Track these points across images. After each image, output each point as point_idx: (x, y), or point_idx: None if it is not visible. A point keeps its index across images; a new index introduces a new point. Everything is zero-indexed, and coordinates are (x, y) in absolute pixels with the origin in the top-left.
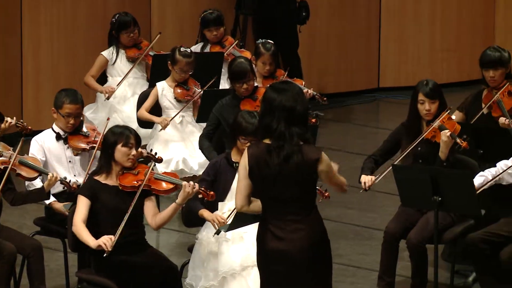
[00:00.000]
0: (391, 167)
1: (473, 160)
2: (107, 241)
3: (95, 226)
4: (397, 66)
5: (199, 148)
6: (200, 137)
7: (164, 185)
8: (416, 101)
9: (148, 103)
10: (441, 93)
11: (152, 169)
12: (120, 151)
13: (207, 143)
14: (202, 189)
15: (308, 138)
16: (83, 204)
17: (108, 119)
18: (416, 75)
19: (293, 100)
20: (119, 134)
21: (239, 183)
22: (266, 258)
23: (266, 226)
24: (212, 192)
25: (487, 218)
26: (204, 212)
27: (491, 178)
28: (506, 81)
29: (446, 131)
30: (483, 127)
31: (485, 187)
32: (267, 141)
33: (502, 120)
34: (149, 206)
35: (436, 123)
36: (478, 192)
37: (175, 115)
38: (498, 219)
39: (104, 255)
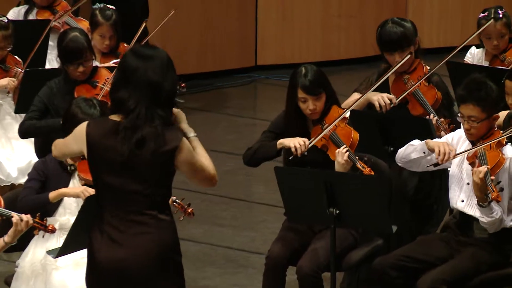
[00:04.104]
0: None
1: (382, 161)
2: None
3: None
4: (280, 37)
5: (20, 131)
6: (21, 124)
7: None
8: (295, 98)
9: None
10: (326, 83)
11: None
12: None
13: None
14: (37, 220)
15: (172, 123)
16: None
17: None
18: (305, 50)
19: (161, 74)
20: None
21: (65, 146)
22: (97, 270)
23: (101, 227)
24: (51, 226)
25: (400, 237)
26: (63, 190)
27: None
28: (417, 61)
29: (343, 151)
30: (395, 118)
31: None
32: (114, 117)
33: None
34: None
35: (327, 130)
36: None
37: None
38: (414, 238)
39: None
